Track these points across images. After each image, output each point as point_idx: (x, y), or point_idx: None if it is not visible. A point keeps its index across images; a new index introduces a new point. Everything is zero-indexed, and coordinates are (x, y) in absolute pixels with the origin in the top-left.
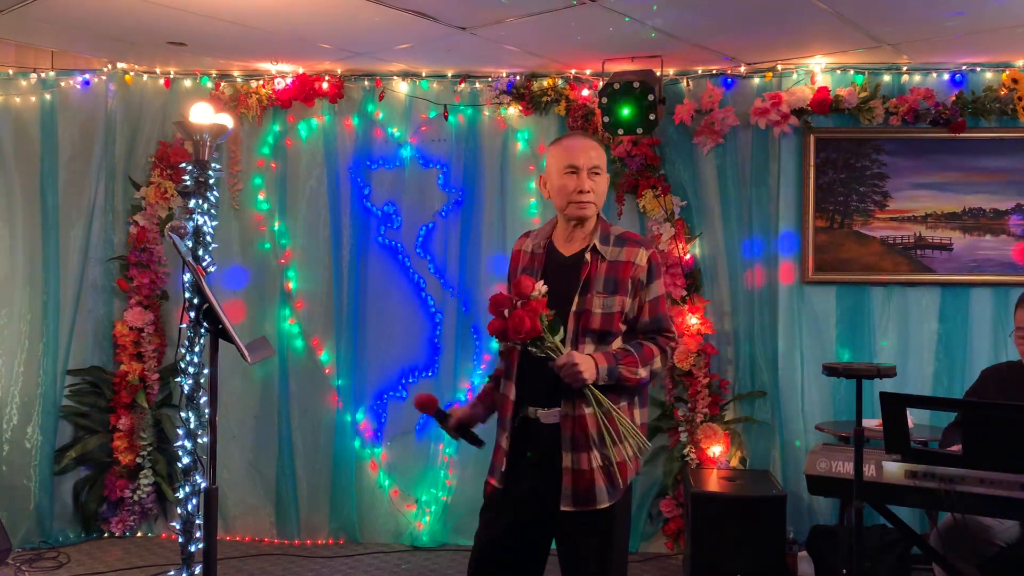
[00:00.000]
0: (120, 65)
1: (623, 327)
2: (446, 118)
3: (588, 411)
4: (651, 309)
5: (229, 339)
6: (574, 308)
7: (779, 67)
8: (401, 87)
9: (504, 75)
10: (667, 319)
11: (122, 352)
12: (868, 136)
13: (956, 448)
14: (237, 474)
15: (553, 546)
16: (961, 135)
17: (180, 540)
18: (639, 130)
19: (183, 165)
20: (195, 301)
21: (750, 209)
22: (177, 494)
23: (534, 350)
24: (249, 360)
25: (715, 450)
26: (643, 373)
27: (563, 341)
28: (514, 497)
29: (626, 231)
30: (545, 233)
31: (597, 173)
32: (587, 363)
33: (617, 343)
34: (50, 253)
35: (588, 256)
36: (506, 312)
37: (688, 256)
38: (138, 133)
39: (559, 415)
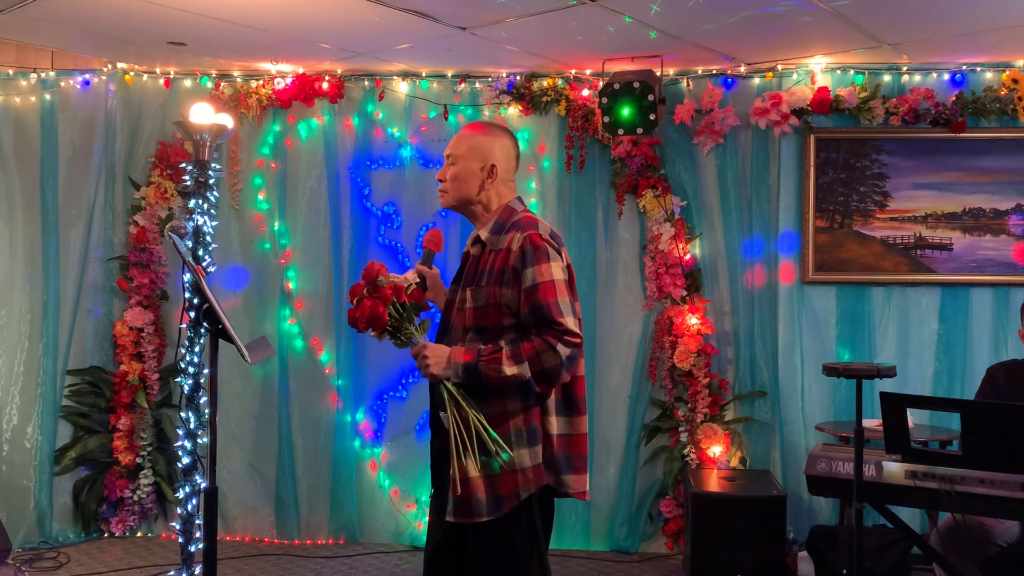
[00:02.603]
0: (120, 65)
1: (505, 321)
2: (446, 118)
3: (458, 414)
4: (528, 298)
5: (229, 339)
6: (456, 304)
7: (779, 67)
8: (401, 87)
9: (504, 75)
10: (553, 310)
11: (122, 352)
12: (868, 136)
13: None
14: (237, 474)
15: None
16: (961, 135)
17: (180, 540)
18: (639, 130)
19: (183, 165)
20: (195, 301)
21: (750, 209)
22: (177, 494)
23: (395, 342)
24: (249, 360)
25: (715, 450)
26: (511, 371)
27: (451, 336)
28: (438, 503)
29: (524, 218)
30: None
31: (453, 163)
32: (437, 355)
33: (507, 339)
34: (50, 253)
35: (473, 249)
36: (353, 301)
37: (688, 256)
38: (138, 133)
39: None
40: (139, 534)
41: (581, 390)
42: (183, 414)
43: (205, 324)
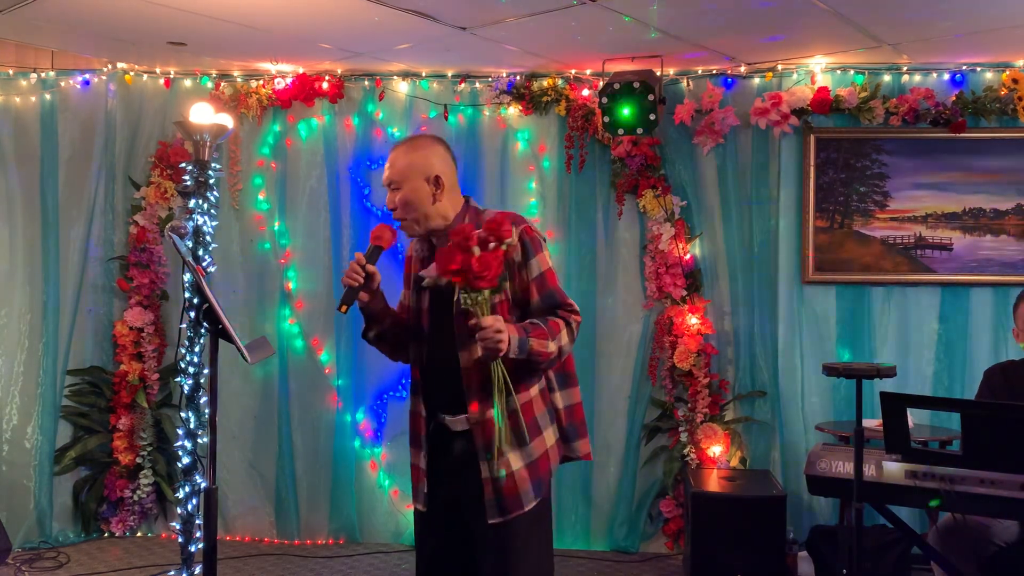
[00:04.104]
0: (120, 65)
1: (511, 316)
2: (446, 118)
3: (504, 402)
4: (539, 287)
5: (229, 339)
6: (456, 309)
7: (779, 67)
8: (401, 87)
9: (504, 75)
10: (561, 293)
11: (122, 352)
12: (868, 136)
13: None
14: (237, 474)
15: None
16: (961, 135)
17: (180, 540)
18: (639, 130)
19: (183, 165)
20: (195, 301)
21: (750, 209)
22: (177, 494)
23: (467, 299)
24: (249, 360)
25: (715, 450)
26: (553, 347)
27: (455, 341)
28: (439, 516)
29: (499, 213)
30: (426, 235)
31: (397, 188)
32: (507, 331)
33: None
34: (50, 253)
35: None
36: (477, 250)
37: (688, 256)
38: (138, 133)
39: (468, 422)
40: (139, 534)
41: (572, 363)
42: (183, 414)
43: (205, 324)
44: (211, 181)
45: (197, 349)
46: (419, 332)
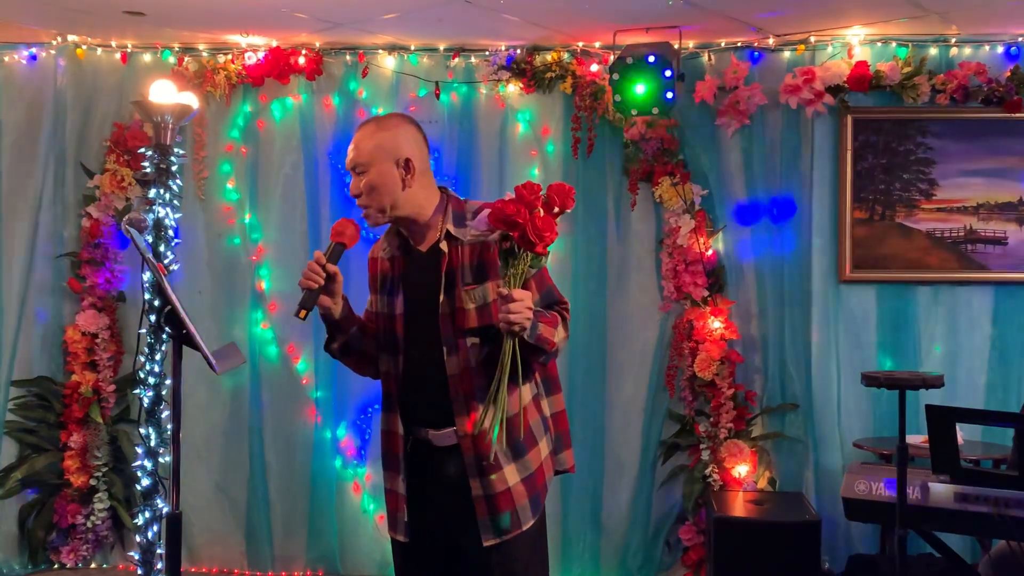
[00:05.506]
0: (71, 37)
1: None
2: (438, 97)
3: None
4: (538, 283)
5: (194, 346)
6: (442, 310)
7: (812, 39)
8: (387, 62)
9: (503, 48)
10: (556, 290)
11: (73, 360)
12: (912, 116)
13: None
14: (203, 497)
15: None
16: (1017, 115)
17: (139, 572)
18: (655, 110)
19: (142, 150)
20: (156, 303)
21: (780, 199)
22: (136, 520)
23: (509, 262)
24: (217, 370)
25: (741, 470)
26: (557, 338)
27: (442, 345)
28: (423, 546)
29: (486, 203)
30: (396, 231)
31: (360, 171)
32: (532, 311)
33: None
34: None
35: (444, 246)
36: (541, 210)
37: (710, 252)
38: (91, 114)
39: (456, 436)
40: (93, 565)
41: (556, 367)
42: (142, 430)
43: (167, 329)
44: (173, 168)
45: (158, 357)
46: (392, 341)
